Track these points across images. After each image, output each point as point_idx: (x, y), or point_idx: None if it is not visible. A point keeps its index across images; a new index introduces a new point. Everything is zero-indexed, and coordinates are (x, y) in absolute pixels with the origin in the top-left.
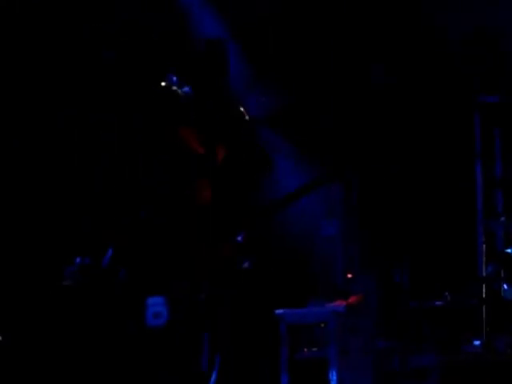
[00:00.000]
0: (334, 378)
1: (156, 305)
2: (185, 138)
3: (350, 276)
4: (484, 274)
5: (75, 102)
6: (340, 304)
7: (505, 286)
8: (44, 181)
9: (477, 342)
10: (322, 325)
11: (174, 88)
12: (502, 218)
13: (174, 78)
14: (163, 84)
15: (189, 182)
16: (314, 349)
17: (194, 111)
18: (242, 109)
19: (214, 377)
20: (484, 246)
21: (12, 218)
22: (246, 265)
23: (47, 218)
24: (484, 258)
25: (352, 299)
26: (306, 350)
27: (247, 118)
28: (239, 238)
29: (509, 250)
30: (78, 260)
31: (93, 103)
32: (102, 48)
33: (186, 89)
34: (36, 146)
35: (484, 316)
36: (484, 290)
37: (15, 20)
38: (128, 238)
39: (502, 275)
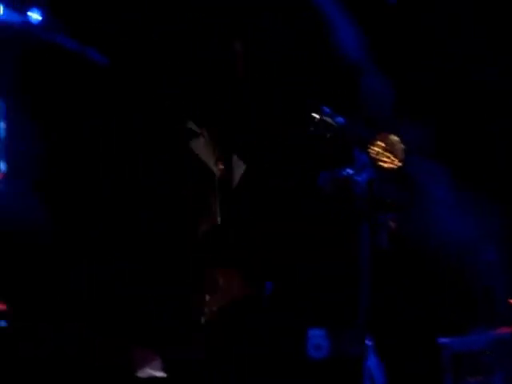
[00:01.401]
0: None
1: (317, 337)
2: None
3: None
4: None
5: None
6: (505, 331)
7: None
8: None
9: None
10: (487, 352)
11: (328, 120)
12: None
13: (327, 109)
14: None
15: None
16: (480, 377)
17: None
18: None
19: None
20: None
21: None
22: None
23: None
24: None
25: None
26: (470, 378)
27: None
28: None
29: None
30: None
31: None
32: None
33: (340, 119)
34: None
35: None
36: None
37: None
38: None
39: None
